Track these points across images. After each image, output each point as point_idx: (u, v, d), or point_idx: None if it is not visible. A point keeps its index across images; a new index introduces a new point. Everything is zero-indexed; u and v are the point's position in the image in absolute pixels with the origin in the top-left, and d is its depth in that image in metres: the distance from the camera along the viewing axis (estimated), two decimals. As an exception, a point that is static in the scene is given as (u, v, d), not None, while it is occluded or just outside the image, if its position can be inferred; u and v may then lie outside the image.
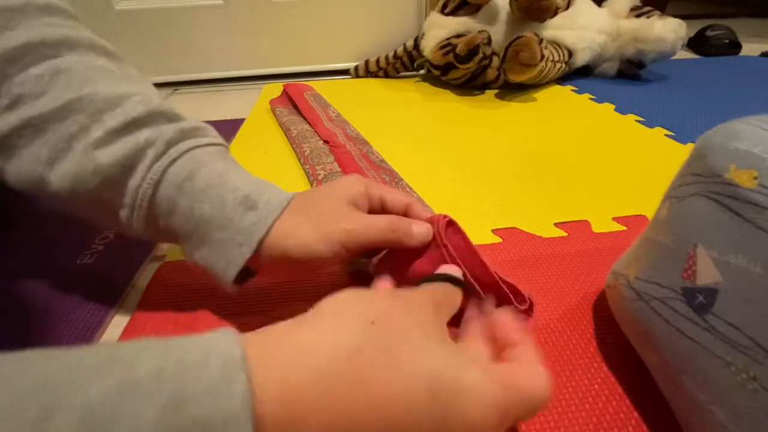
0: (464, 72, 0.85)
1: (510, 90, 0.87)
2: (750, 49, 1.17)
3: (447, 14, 0.90)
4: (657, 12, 0.93)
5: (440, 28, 0.89)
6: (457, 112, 0.79)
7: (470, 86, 0.89)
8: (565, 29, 0.89)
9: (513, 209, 0.48)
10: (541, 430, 0.26)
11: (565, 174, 0.55)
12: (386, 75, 1.02)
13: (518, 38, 0.77)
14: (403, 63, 0.99)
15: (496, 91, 0.87)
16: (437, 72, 0.90)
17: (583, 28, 0.90)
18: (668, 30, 0.86)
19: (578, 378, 0.29)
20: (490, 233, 0.44)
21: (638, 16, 0.92)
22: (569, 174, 0.55)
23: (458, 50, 0.79)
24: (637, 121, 0.71)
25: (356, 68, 1.04)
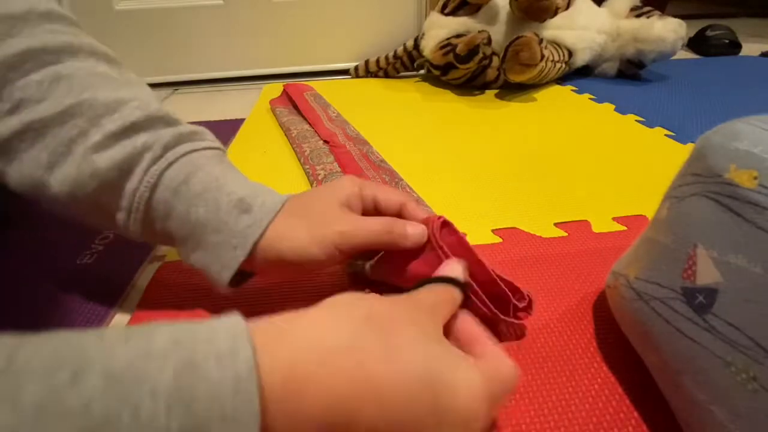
0: (464, 72, 0.85)
1: (510, 90, 0.87)
2: (750, 49, 1.17)
3: (447, 14, 0.90)
4: (657, 12, 0.93)
5: (440, 28, 0.89)
6: (457, 112, 0.79)
7: (470, 86, 0.89)
8: (565, 29, 0.89)
9: (513, 209, 0.48)
10: (541, 430, 0.26)
11: (565, 174, 0.55)
12: (386, 75, 1.02)
13: (518, 38, 0.77)
14: (403, 63, 0.99)
15: (496, 91, 0.87)
16: (437, 72, 0.90)
17: (583, 28, 0.90)
18: (668, 30, 0.86)
19: (578, 378, 0.29)
20: (490, 233, 0.44)
21: (638, 16, 0.92)
22: (569, 174, 0.55)
23: (458, 50, 0.79)
24: (637, 121, 0.71)
25: (356, 68, 1.04)
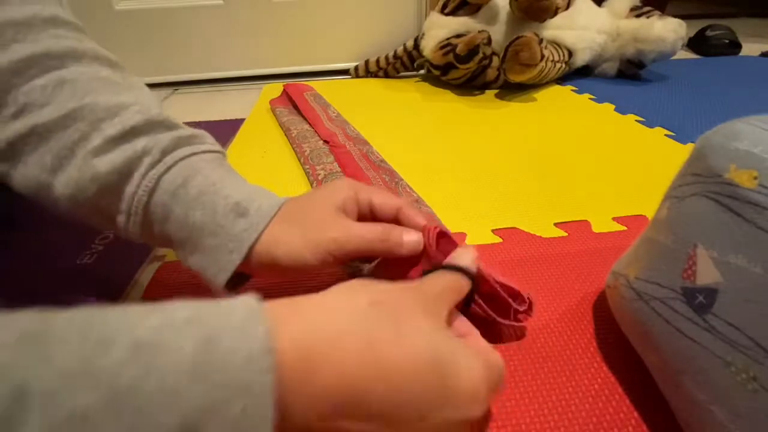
0: (464, 72, 0.85)
1: (510, 90, 0.87)
2: (750, 49, 1.17)
3: (447, 14, 0.90)
4: (657, 12, 0.93)
5: (440, 28, 0.89)
6: (457, 112, 0.79)
7: (470, 86, 0.89)
8: (565, 29, 0.89)
9: (513, 209, 0.48)
10: (541, 430, 0.26)
11: (565, 174, 0.55)
12: (386, 75, 1.02)
13: (518, 38, 0.77)
14: (403, 63, 0.99)
15: (496, 91, 0.87)
16: (437, 72, 0.90)
17: (583, 28, 0.90)
18: (668, 30, 0.86)
19: (578, 378, 0.29)
20: (490, 233, 0.44)
21: (638, 16, 0.92)
22: (569, 174, 0.55)
23: (458, 50, 0.79)
24: (637, 121, 0.71)
25: (356, 68, 1.04)
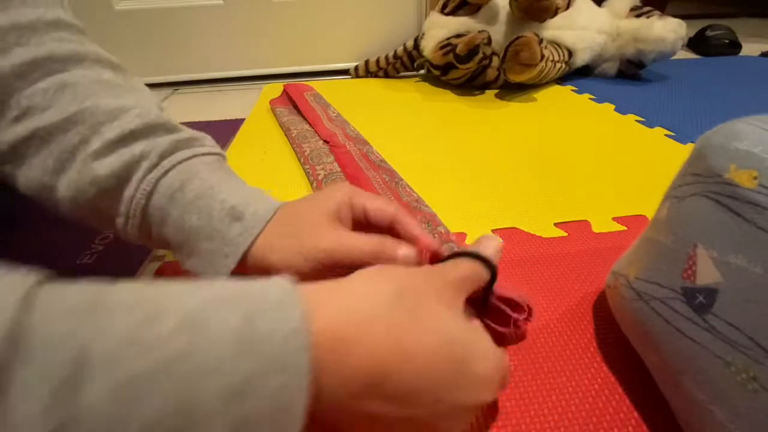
0: (464, 72, 0.85)
1: (510, 90, 0.87)
2: (750, 49, 1.17)
3: (447, 14, 0.90)
4: (657, 12, 0.93)
5: (440, 28, 0.89)
6: (457, 112, 0.79)
7: (470, 86, 0.89)
8: (565, 29, 0.89)
9: (513, 209, 0.48)
10: (541, 430, 0.26)
11: (565, 174, 0.55)
12: (386, 75, 1.02)
13: (518, 38, 0.77)
14: (403, 63, 0.99)
15: (496, 91, 0.87)
16: (437, 72, 0.90)
17: (583, 28, 0.90)
18: (668, 30, 0.86)
19: (578, 378, 0.29)
20: (490, 233, 0.44)
21: (638, 16, 0.92)
22: (569, 174, 0.55)
23: (458, 50, 0.79)
24: (637, 121, 0.71)
25: (356, 68, 1.04)
